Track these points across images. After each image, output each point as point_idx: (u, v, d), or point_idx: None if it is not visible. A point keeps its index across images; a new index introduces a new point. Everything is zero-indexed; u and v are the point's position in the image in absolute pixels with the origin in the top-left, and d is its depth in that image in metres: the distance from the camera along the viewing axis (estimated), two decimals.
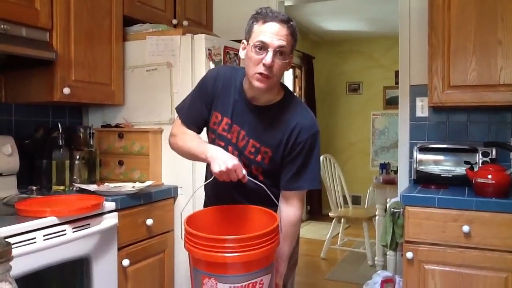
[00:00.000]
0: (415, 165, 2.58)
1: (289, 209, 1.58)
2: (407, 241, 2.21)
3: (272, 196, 1.48)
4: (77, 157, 2.28)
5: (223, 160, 1.43)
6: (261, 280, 1.35)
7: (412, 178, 2.60)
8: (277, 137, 1.56)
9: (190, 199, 1.65)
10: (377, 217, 4.04)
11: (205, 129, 1.70)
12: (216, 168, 1.43)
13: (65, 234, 1.69)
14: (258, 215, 1.55)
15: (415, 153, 2.61)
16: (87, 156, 2.32)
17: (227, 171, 1.42)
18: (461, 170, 2.46)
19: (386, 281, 2.49)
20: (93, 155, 2.34)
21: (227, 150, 1.58)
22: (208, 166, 1.55)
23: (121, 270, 2.00)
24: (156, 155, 2.41)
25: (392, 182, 3.97)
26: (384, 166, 4.42)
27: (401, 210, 2.36)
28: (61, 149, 2.19)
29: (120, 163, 2.43)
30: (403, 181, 2.81)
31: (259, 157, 1.58)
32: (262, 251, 1.32)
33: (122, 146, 2.44)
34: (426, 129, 2.79)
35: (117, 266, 1.96)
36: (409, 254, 2.18)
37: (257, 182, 1.48)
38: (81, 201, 1.88)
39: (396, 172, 4.26)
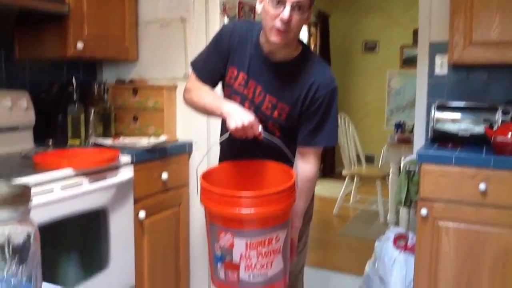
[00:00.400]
0: (432, 124, 2.54)
1: (305, 165, 1.57)
2: (422, 199, 2.20)
3: (289, 153, 1.47)
4: (92, 112, 2.29)
5: (239, 116, 1.41)
6: (277, 235, 1.36)
7: (429, 137, 2.56)
8: (294, 93, 1.54)
9: (206, 155, 1.65)
10: (390, 176, 4.04)
11: (220, 85, 1.68)
12: (232, 124, 1.41)
13: (81, 185, 1.72)
14: (274, 170, 1.55)
15: (432, 111, 2.56)
16: (102, 111, 2.32)
17: (243, 128, 1.40)
18: (479, 129, 2.42)
19: (398, 237, 2.51)
20: (107, 110, 2.34)
21: (243, 105, 1.57)
22: (224, 122, 1.53)
23: (137, 222, 2.03)
24: (171, 111, 2.41)
25: (407, 141, 3.94)
26: (399, 125, 4.37)
27: (417, 168, 2.35)
28: (76, 104, 2.20)
29: (135, 118, 2.43)
30: (419, 140, 2.77)
31: (275, 113, 1.56)
32: (279, 207, 1.32)
33: (136, 101, 2.43)
34: (444, 87, 2.72)
35: (134, 219, 2.00)
36: (424, 211, 2.18)
37: (274, 139, 1.46)
38: (97, 154, 1.90)
39: (411, 131, 4.23)
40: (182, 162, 2.34)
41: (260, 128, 1.45)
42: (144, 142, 2.15)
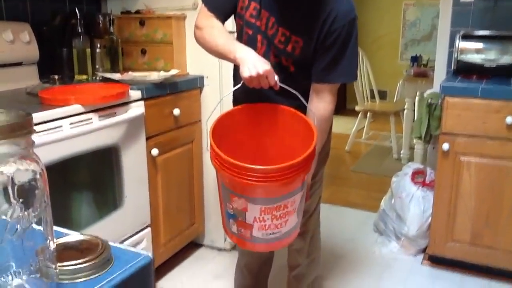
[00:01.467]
0: (455, 55, 2.40)
1: (320, 103, 1.46)
2: (444, 133, 2.12)
3: (306, 102, 1.39)
4: (98, 45, 2.17)
5: (254, 64, 1.30)
6: (294, 199, 1.29)
7: (452, 68, 2.43)
8: (309, 25, 1.40)
9: (216, 106, 1.53)
10: (405, 111, 3.94)
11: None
12: (245, 72, 1.30)
13: (91, 122, 1.64)
14: (293, 119, 1.42)
15: (456, 41, 2.41)
16: (108, 44, 2.20)
17: (257, 77, 1.30)
18: (506, 59, 2.29)
19: (416, 173, 2.45)
20: (114, 44, 2.22)
21: (255, 38, 1.45)
22: (236, 67, 1.41)
23: (150, 159, 1.98)
24: (180, 43, 2.28)
25: (424, 75, 3.79)
26: (415, 59, 4.20)
27: (439, 101, 2.24)
28: (81, 37, 2.08)
29: (143, 52, 2.32)
30: (440, 72, 2.64)
31: (289, 47, 1.44)
32: (296, 179, 1.23)
33: (144, 34, 2.30)
34: (469, 16, 2.55)
35: (146, 156, 1.94)
36: (445, 146, 2.10)
37: (291, 89, 1.35)
38: (105, 89, 1.80)
39: (426, 65, 4.07)
40: (193, 98, 2.25)
41: (276, 77, 1.34)
42: (154, 76, 2.06)
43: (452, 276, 2.25)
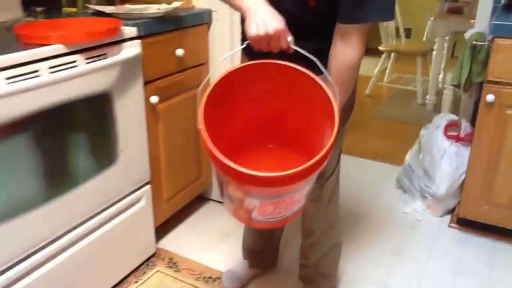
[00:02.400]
0: None
1: (346, 48, 1.16)
2: (489, 81, 1.82)
3: (326, 72, 1.10)
4: None
5: (263, 20, 1.03)
6: (302, 192, 1.07)
7: (502, 3, 2.08)
8: None
9: (210, 75, 1.20)
10: (434, 52, 3.58)
11: None
12: (252, 28, 1.04)
13: (76, 66, 1.38)
14: (304, 82, 1.14)
15: None
16: None
17: (266, 36, 1.04)
18: None
19: (450, 125, 2.18)
20: None
21: None
22: (244, 20, 1.12)
23: (149, 107, 1.73)
24: None
25: (458, 11, 3.40)
26: None
27: (486, 42, 1.92)
28: None
29: None
30: (485, 7, 2.27)
31: None
32: (306, 180, 1.01)
33: None
34: None
35: (144, 104, 1.69)
36: (490, 97, 1.81)
37: (308, 54, 1.06)
38: (94, 25, 1.52)
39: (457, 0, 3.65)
40: (200, 35, 1.96)
41: (289, 38, 1.06)
42: (154, 9, 1.76)
43: (483, 242, 2.04)
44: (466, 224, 2.10)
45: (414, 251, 1.98)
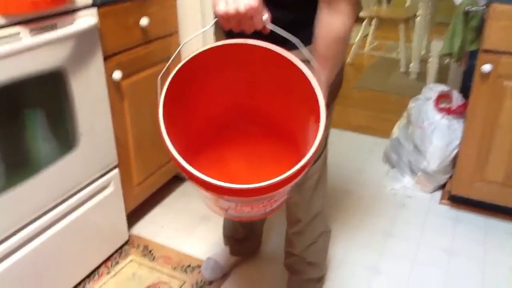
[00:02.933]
0: None
1: (333, 17, 0.98)
2: (485, 50, 1.68)
3: (307, 53, 0.92)
4: None
5: None
6: (282, 194, 0.94)
7: None
8: None
9: (173, 59, 0.99)
10: (418, 18, 3.43)
11: None
12: (220, 6, 0.86)
13: (19, 39, 1.17)
14: (284, 67, 0.97)
15: None
16: None
17: (237, 15, 0.86)
18: None
19: (441, 97, 2.04)
20: None
21: None
22: None
23: (112, 85, 1.53)
24: None
25: None
26: None
27: (481, 7, 1.77)
28: None
29: None
30: None
31: None
32: (282, 188, 0.87)
33: None
34: None
35: (106, 81, 1.49)
36: (486, 67, 1.67)
37: (289, 34, 0.89)
38: None
39: None
40: (167, 3, 1.75)
41: (265, 17, 0.89)
42: None
43: (475, 219, 1.94)
44: (457, 201, 2.00)
45: (405, 231, 1.87)
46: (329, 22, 0.99)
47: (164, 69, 0.96)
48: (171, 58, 0.98)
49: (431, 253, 1.75)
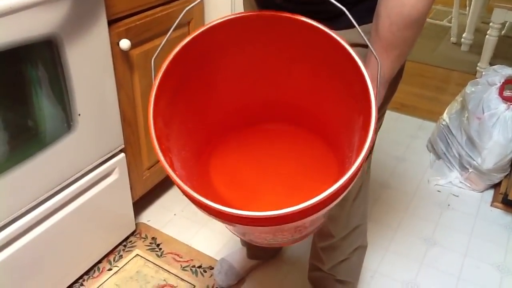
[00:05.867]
0: None
1: None
2: None
3: (364, 37, 0.65)
4: None
5: None
6: (314, 221, 0.71)
7: None
8: None
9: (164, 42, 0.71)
10: None
11: None
12: None
13: None
14: (329, 49, 0.70)
15: None
16: None
17: None
18: None
19: (507, 82, 1.73)
20: None
21: None
22: None
23: (118, 55, 1.29)
24: None
25: None
26: None
27: None
28: None
29: None
30: None
31: None
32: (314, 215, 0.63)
33: None
34: None
35: (111, 50, 1.25)
36: None
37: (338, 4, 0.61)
38: None
39: None
40: None
41: None
42: None
43: None
44: None
45: (450, 239, 1.62)
46: (395, 2, 0.72)
47: (159, 49, 0.71)
48: (169, 33, 0.72)
49: (480, 269, 1.51)
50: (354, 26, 0.64)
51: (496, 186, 1.84)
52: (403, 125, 2.27)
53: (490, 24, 2.59)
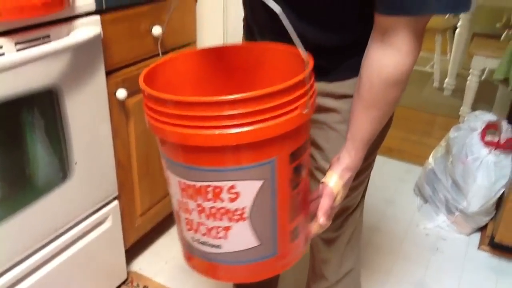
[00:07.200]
0: None
1: (386, 53, 0.74)
2: None
3: (300, 45, 0.65)
4: None
5: None
6: (233, 185, 0.66)
7: None
8: None
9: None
10: (458, 29, 3.16)
11: None
12: None
13: (2, 54, 0.97)
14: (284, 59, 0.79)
15: None
16: None
17: None
18: None
19: (488, 127, 1.80)
20: None
21: None
22: None
23: (115, 104, 1.33)
24: None
25: None
26: None
27: None
28: None
29: None
30: None
31: None
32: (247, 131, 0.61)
33: None
34: None
35: (108, 100, 1.29)
36: None
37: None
38: None
39: None
40: (185, 7, 1.54)
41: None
42: None
43: None
44: (499, 248, 1.76)
45: (440, 283, 1.64)
46: (380, 59, 0.75)
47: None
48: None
49: None
50: (344, 79, 0.69)
51: (482, 229, 1.88)
52: (391, 169, 2.33)
53: (470, 70, 2.70)
